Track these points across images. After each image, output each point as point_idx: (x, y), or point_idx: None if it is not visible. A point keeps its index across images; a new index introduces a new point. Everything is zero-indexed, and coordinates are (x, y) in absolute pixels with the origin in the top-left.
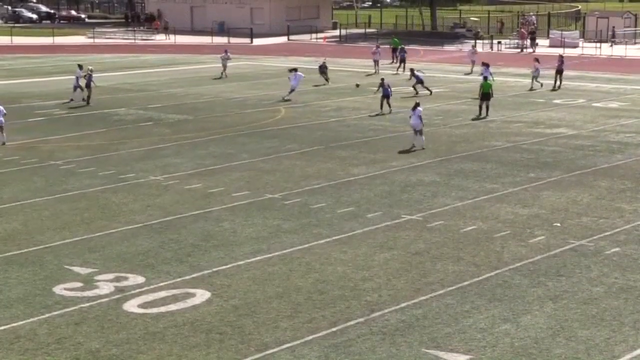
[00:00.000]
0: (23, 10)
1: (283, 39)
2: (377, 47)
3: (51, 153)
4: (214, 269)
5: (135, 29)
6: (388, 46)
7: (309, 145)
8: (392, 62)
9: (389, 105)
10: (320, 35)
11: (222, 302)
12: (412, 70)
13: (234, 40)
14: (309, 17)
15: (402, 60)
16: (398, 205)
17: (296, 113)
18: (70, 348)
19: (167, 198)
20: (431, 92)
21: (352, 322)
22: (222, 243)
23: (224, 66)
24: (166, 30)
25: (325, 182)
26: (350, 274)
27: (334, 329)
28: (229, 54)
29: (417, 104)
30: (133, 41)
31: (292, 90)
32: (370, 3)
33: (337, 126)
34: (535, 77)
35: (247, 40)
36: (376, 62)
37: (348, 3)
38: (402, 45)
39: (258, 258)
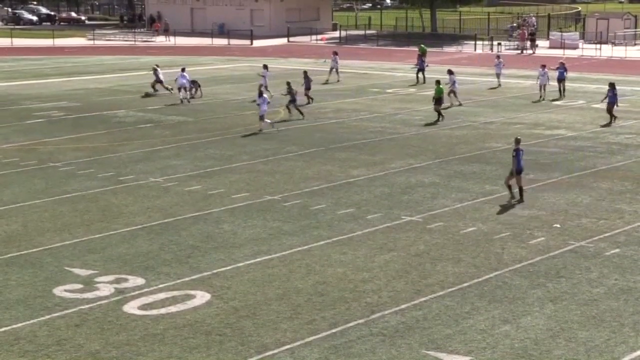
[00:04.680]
0: (23, 12)
1: (283, 41)
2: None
3: (51, 155)
4: (214, 271)
5: (135, 30)
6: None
7: (308, 147)
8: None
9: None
10: (319, 36)
11: (222, 304)
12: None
13: (234, 41)
14: (309, 19)
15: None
16: (398, 207)
17: (295, 114)
18: (70, 350)
19: (167, 200)
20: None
21: (352, 324)
22: (222, 245)
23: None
24: (166, 32)
25: (325, 184)
26: (350, 275)
27: (334, 331)
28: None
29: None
30: (133, 43)
31: (261, 117)
32: (370, 5)
33: (337, 128)
34: (543, 85)
35: (247, 41)
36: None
37: (348, 5)
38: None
39: (258, 260)
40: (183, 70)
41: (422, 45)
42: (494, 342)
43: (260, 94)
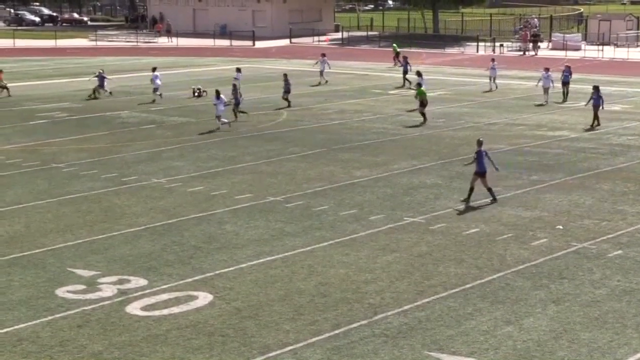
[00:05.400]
0: (26, 13)
1: (285, 42)
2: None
3: (54, 156)
4: (217, 272)
5: (138, 31)
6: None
7: (311, 148)
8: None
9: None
10: (322, 37)
11: (224, 305)
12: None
13: (236, 42)
14: (311, 20)
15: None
16: (400, 208)
17: (298, 116)
18: (73, 351)
19: (170, 200)
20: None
21: (354, 325)
22: (224, 245)
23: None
24: (168, 32)
25: (328, 185)
26: (353, 276)
27: (336, 332)
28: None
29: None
30: (135, 44)
31: (218, 117)
32: (372, 6)
33: (339, 129)
34: (546, 88)
35: (250, 42)
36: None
37: (350, 6)
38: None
39: (260, 261)
40: (154, 69)
41: (395, 45)
42: (497, 343)
43: (218, 96)
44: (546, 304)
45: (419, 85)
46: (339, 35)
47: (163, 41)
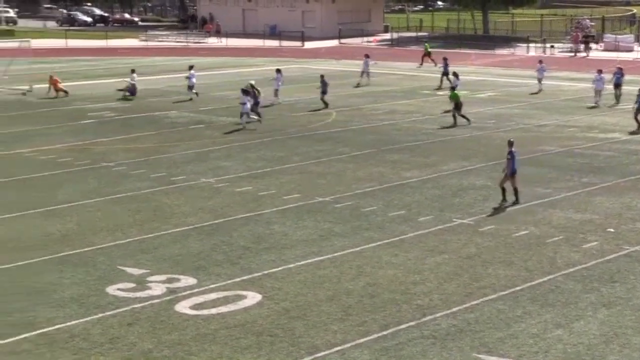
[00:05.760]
0: (78, 13)
1: (334, 42)
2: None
3: (103, 155)
4: (265, 272)
5: (188, 32)
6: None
7: (360, 148)
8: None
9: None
10: (370, 38)
11: (273, 305)
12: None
13: (285, 43)
14: (360, 21)
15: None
16: (449, 209)
17: (347, 116)
18: (123, 348)
19: (218, 200)
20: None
21: (403, 326)
22: (273, 246)
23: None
24: (218, 33)
25: (377, 186)
26: (401, 277)
27: (384, 333)
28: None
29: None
30: (185, 44)
31: (244, 114)
32: (422, 6)
33: (389, 129)
34: (599, 90)
35: (299, 43)
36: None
37: (400, 7)
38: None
39: (309, 261)
40: (191, 68)
41: (426, 44)
42: (546, 346)
43: (246, 93)
44: (597, 308)
45: (452, 88)
46: (388, 35)
47: (213, 41)
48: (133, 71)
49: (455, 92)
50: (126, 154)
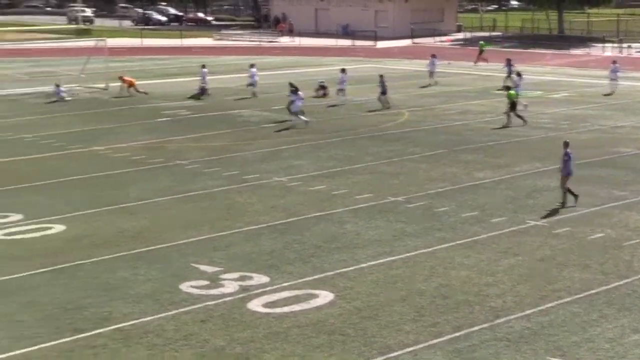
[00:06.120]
0: (153, 12)
1: (407, 42)
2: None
3: (177, 153)
4: (337, 271)
5: (261, 31)
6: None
7: (432, 148)
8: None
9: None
10: (443, 38)
11: (345, 304)
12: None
13: (357, 42)
14: (433, 20)
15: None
16: (523, 211)
17: (420, 116)
18: (196, 345)
19: (291, 199)
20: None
21: (476, 328)
22: (345, 245)
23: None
24: (291, 32)
25: (450, 186)
26: (474, 278)
27: (457, 334)
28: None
29: None
30: (258, 43)
31: (295, 112)
32: (496, 6)
33: (462, 130)
34: None
35: (371, 42)
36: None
37: (473, 6)
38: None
39: (381, 261)
40: (252, 66)
41: (482, 42)
42: (623, 351)
43: (296, 91)
44: None
45: (508, 87)
46: (461, 35)
47: (285, 41)
48: (204, 66)
49: (512, 91)
50: (199, 152)
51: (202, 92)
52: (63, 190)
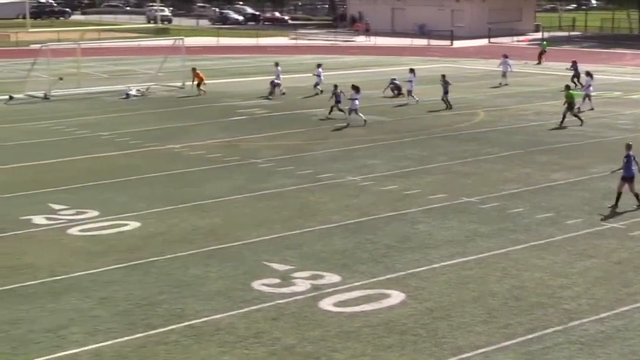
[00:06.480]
0: (230, 12)
1: (483, 42)
2: None
3: (251, 151)
4: (409, 271)
5: (337, 30)
6: None
7: (508, 149)
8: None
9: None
10: (521, 37)
11: (416, 304)
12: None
13: (434, 42)
14: (510, 20)
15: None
16: (599, 213)
17: (495, 117)
18: (267, 343)
19: (363, 199)
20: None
21: (549, 330)
22: (417, 245)
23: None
24: (367, 32)
25: (524, 187)
26: (548, 280)
27: (530, 336)
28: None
29: None
30: (334, 42)
31: (353, 110)
32: (575, 5)
33: (537, 130)
34: None
35: (447, 42)
36: None
37: (551, 5)
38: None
39: (454, 261)
40: (319, 66)
41: (544, 43)
42: None
43: (357, 91)
44: None
45: (567, 87)
46: (538, 35)
47: (361, 40)
48: (277, 64)
49: (571, 92)
50: (273, 151)
51: (273, 90)
52: (138, 188)
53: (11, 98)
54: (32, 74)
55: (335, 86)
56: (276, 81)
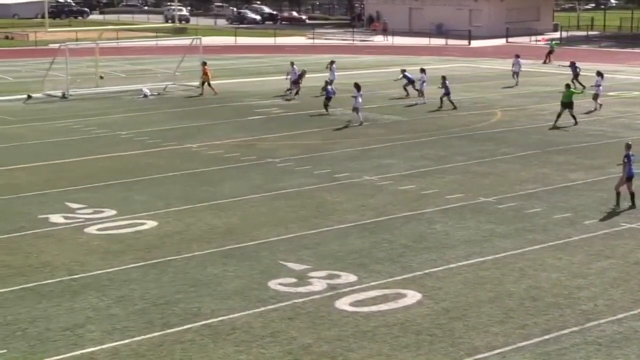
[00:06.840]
0: (247, 11)
1: (501, 41)
2: None
3: (269, 151)
4: (426, 271)
5: (355, 30)
6: None
7: (525, 149)
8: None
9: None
10: (539, 37)
11: (433, 304)
12: (403, 70)
13: (451, 41)
14: (528, 19)
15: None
16: (617, 213)
17: (512, 117)
18: (283, 342)
19: (380, 198)
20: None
21: (566, 331)
22: (434, 245)
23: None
24: (384, 31)
25: (541, 187)
26: (565, 281)
27: (546, 337)
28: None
29: None
30: (352, 42)
31: (356, 109)
32: (594, 5)
33: (554, 130)
34: None
35: (465, 42)
36: None
37: (570, 5)
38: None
39: (470, 261)
40: (332, 63)
41: (553, 43)
42: None
43: (359, 89)
44: None
45: (568, 86)
46: (557, 34)
47: (379, 40)
48: (292, 64)
49: (571, 90)
50: (291, 151)
51: (291, 89)
52: (156, 187)
53: (29, 97)
54: (50, 73)
55: (326, 82)
56: (291, 78)
